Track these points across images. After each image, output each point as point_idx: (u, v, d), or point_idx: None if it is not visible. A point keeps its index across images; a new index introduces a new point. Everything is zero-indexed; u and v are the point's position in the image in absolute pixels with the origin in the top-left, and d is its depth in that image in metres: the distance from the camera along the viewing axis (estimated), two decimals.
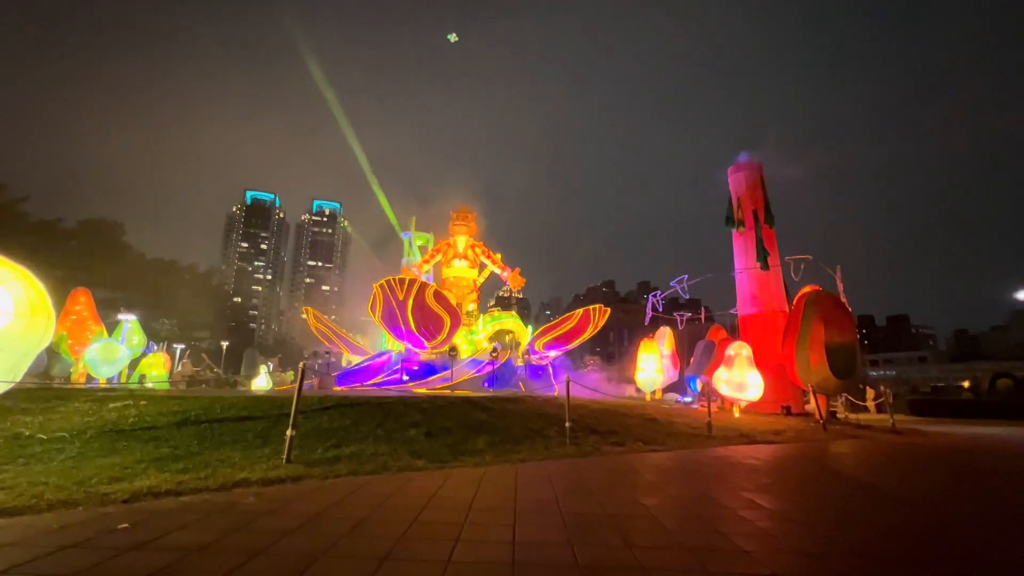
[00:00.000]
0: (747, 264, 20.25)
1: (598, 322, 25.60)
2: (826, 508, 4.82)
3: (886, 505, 5.03)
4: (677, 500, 4.92)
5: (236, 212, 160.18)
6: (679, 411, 14.26)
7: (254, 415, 8.46)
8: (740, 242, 20.86)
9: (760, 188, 20.93)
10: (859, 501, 5.16)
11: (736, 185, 21.49)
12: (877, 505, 5.00)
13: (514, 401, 12.12)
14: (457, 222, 31.13)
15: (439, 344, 22.40)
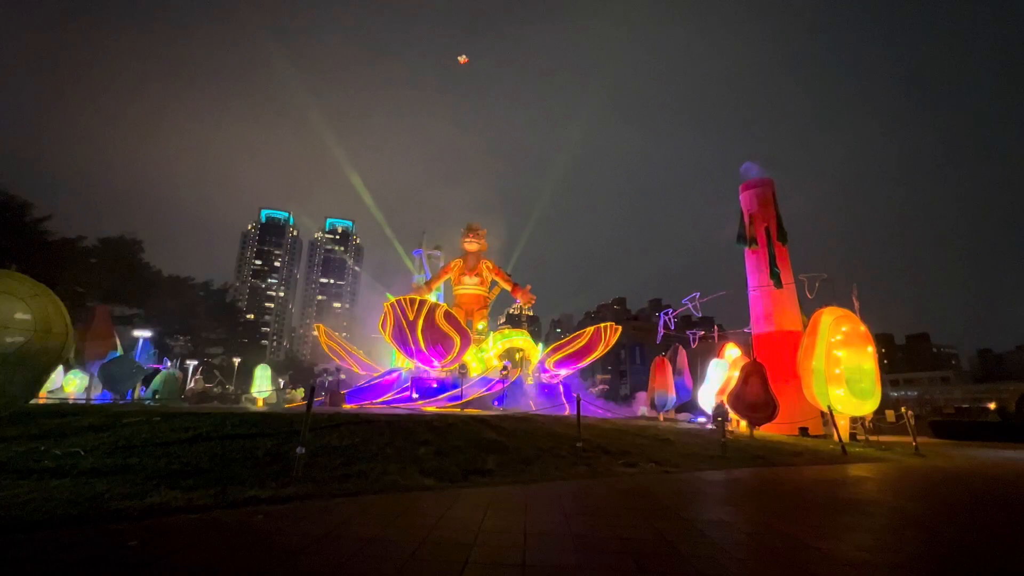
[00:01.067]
0: (760, 282, 20.08)
1: (609, 340, 25.46)
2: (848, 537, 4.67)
3: (911, 532, 4.86)
4: (691, 524, 4.81)
5: (251, 230, 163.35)
6: (693, 432, 14.02)
7: (265, 432, 8.48)
8: (753, 260, 20.73)
9: (772, 205, 20.87)
10: (884, 528, 5.00)
11: (748, 202, 21.46)
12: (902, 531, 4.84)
13: (524, 420, 12.01)
14: (468, 238, 31.47)
15: (449, 363, 22.39)
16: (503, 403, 20.82)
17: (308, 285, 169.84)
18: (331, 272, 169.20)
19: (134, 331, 26.17)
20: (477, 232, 30.93)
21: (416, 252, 38.92)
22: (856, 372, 15.22)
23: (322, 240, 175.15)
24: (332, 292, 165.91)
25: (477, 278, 30.21)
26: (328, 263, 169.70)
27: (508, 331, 29.29)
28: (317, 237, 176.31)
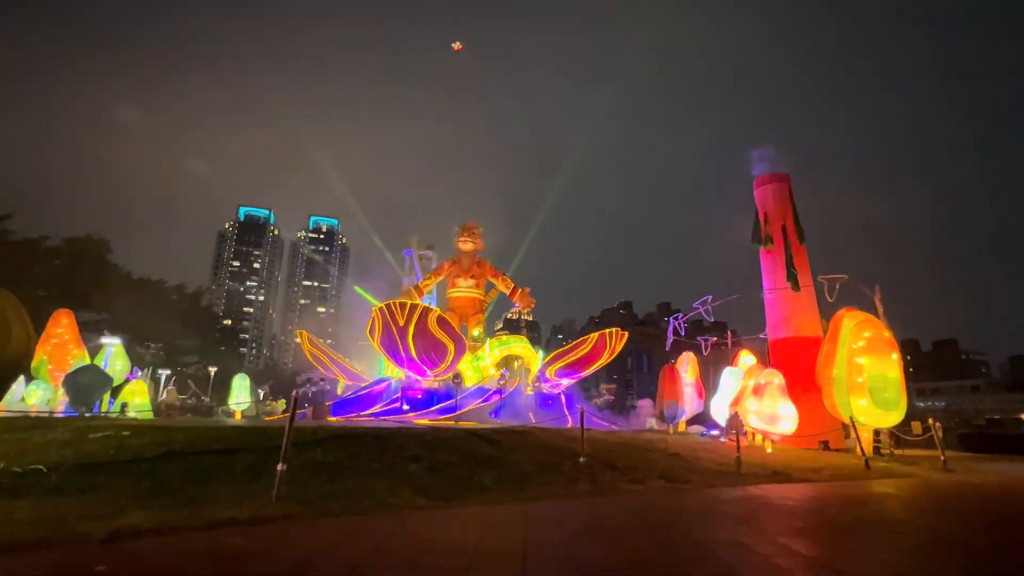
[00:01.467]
0: (777, 284, 20.13)
1: (615, 347, 25.48)
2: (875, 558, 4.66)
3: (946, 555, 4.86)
4: (705, 546, 4.79)
5: (228, 229, 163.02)
6: (705, 445, 14.01)
7: (243, 447, 8.45)
8: (769, 260, 20.78)
9: (789, 201, 20.94)
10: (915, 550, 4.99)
11: (763, 199, 21.52)
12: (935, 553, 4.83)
13: (523, 433, 12.00)
14: (463, 237, 31.39)
15: (442, 372, 22.37)
16: (500, 415, 20.80)
17: (290, 288, 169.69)
18: (315, 274, 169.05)
19: (101, 338, 26.03)
20: (473, 231, 30.91)
21: (407, 252, 38.96)
22: (880, 381, 15.26)
23: (305, 240, 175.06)
24: (316, 296, 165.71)
25: (472, 280, 30.21)
26: (312, 264, 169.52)
27: (506, 337, 29.27)
28: (300, 236, 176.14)
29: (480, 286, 30.69)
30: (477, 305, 30.41)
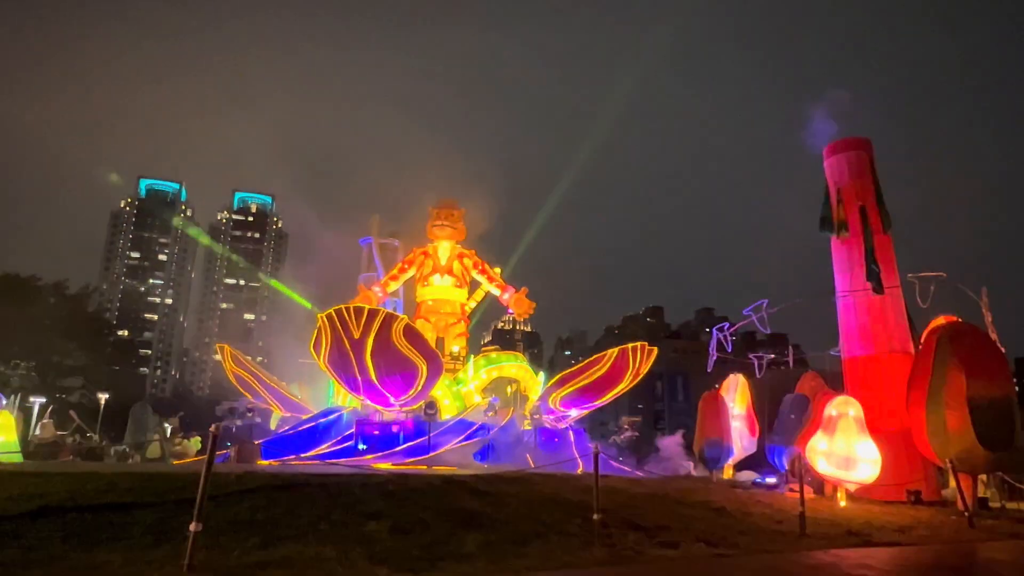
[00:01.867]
0: (853, 284, 20.27)
1: (640, 367, 25.52)
2: None
3: None
4: None
5: (125, 208, 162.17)
6: (758, 497, 14.08)
7: (144, 500, 8.40)
8: (843, 253, 20.93)
9: (869, 175, 21.11)
10: None
11: (835, 171, 21.69)
12: None
13: (519, 482, 12.00)
14: (439, 221, 31.23)
15: (411, 400, 22.35)
16: (488, 457, 20.82)
17: (208, 288, 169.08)
18: (241, 269, 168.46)
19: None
20: (452, 212, 30.88)
21: (363, 241, 38.91)
22: (988, 412, 15.40)
23: (228, 223, 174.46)
24: (242, 298, 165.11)
25: (451, 278, 30.22)
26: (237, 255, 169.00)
27: (496, 354, 29.27)
28: (221, 219, 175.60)
29: (462, 285, 30.69)
30: (458, 311, 30.41)
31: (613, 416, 79.46)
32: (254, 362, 30.83)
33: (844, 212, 20.91)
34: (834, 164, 21.89)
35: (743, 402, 24.29)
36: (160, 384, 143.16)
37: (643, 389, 68.62)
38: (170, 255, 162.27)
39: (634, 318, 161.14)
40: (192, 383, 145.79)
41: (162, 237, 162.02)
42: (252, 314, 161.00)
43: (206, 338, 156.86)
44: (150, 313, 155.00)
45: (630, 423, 36.92)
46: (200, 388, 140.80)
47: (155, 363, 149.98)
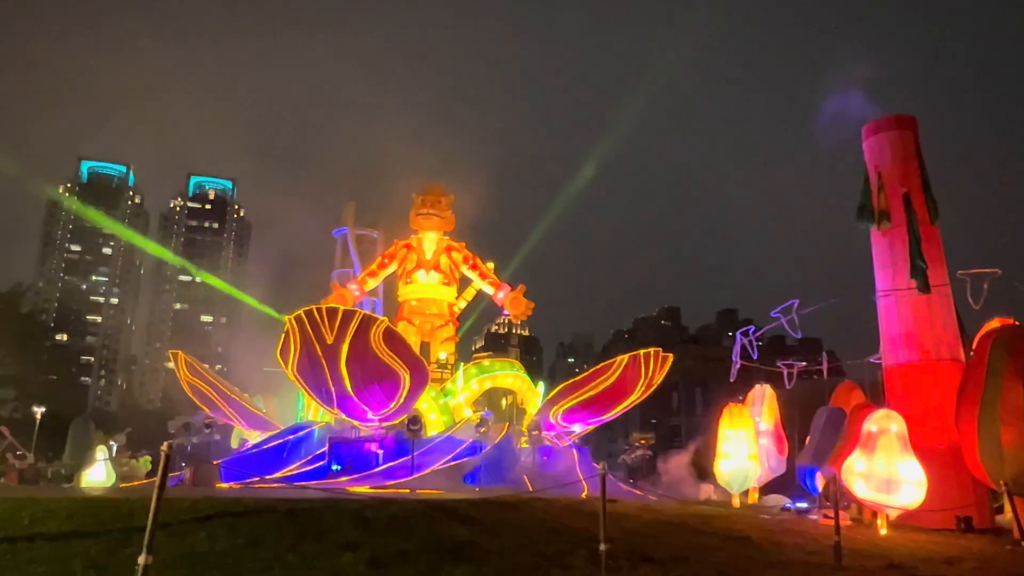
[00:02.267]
0: (895, 283, 20.31)
1: (653, 376, 25.53)
2: None
3: None
4: None
5: (64, 194, 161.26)
6: (788, 524, 14.09)
7: (85, 530, 8.38)
8: (884, 246, 20.95)
9: (915, 158, 21.14)
10: None
11: (875, 154, 21.70)
12: None
13: (515, 508, 12.01)
14: (424, 209, 31.11)
15: (392, 414, 22.34)
16: (480, 480, 20.78)
17: (159, 286, 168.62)
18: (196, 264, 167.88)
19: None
20: (438, 198, 30.87)
21: (337, 232, 38.89)
22: None
23: (182, 211, 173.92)
24: (199, 298, 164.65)
25: (438, 274, 30.20)
26: (193, 248, 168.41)
27: (489, 362, 29.29)
28: (174, 207, 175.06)
29: (450, 283, 30.67)
30: (445, 312, 30.39)
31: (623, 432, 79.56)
32: (212, 371, 30.74)
33: (885, 200, 20.92)
34: (874, 145, 21.92)
35: (771, 416, 24.30)
36: (104, 396, 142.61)
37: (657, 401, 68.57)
38: (116, 248, 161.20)
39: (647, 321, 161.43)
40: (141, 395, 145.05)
41: (107, 228, 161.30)
42: (210, 315, 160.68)
43: (157, 343, 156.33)
44: (93, 315, 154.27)
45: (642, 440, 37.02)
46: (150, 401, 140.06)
47: (99, 372, 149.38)
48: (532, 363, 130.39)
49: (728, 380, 27.57)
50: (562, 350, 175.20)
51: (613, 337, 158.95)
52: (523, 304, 30.59)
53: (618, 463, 32.61)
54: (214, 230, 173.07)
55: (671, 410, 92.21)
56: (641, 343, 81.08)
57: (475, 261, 31.23)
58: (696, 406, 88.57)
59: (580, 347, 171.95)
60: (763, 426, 23.92)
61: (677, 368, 32.56)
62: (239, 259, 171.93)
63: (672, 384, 78.15)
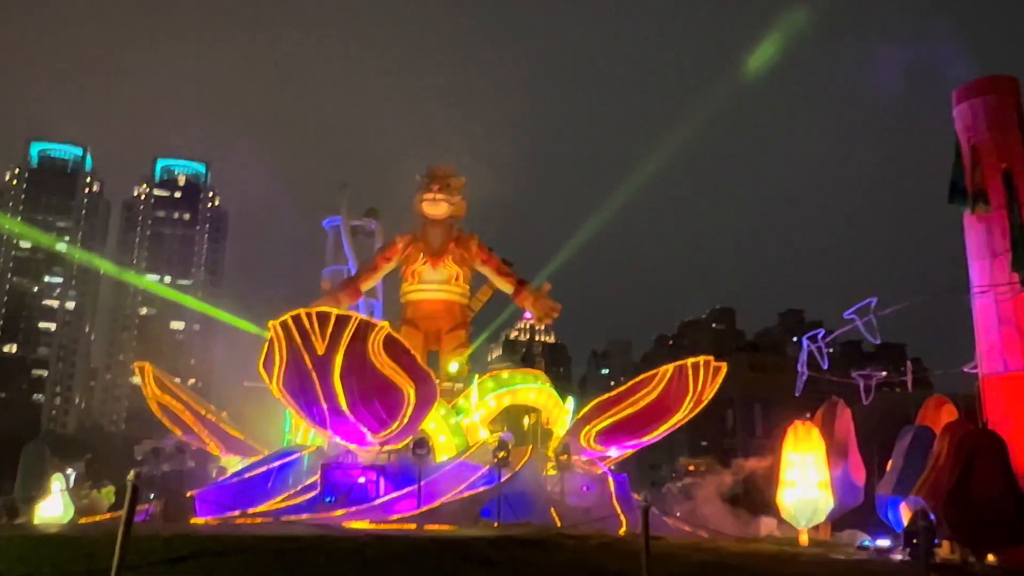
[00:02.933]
0: (994, 277, 20.04)
1: (703, 389, 25.37)
2: None
3: None
4: None
5: (10, 182, 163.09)
6: (868, 567, 13.98)
7: (39, 574, 8.48)
8: (980, 234, 20.69)
9: (1017, 128, 20.84)
10: None
11: (968, 123, 21.40)
12: None
13: (541, 547, 12.01)
14: (431, 194, 30.87)
15: (394, 436, 22.39)
16: (500, 513, 20.76)
17: (122, 287, 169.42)
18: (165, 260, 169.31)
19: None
20: (448, 181, 30.85)
21: (329, 222, 38.99)
22: None
23: (147, 198, 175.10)
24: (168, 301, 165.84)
25: (447, 271, 30.13)
26: (160, 242, 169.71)
27: (509, 374, 29.19)
28: (139, 194, 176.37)
29: (461, 281, 30.62)
30: (456, 315, 30.38)
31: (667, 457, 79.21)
32: (185, 386, 31.06)
33: (981, 178, 20.64)
34: (967, 113, 21.61)
35: (845, 437, 24.11)
36: (60, 416, 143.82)
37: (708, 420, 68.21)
38: (72, 242, 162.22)
39: (695, 324, 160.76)
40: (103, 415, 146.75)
41: (61, 220, 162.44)
42: (181, 321, 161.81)
43: (121, 355, 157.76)
44: (46, 321, 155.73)
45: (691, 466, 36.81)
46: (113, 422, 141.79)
47: (53, 388, 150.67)
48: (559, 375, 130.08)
49: (793, 394, 27.38)
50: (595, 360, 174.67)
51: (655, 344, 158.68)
52: (548, 305, 30.51)
53: (663, 493, 32.42)
54: (185, 222, 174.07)
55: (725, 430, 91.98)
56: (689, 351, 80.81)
57: (491, 255, 31.19)
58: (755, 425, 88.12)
59: (616, 356, 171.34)
60: (836, 449, 23.73)
61: (732, 380, 32.37)
62: (215, 255, 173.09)
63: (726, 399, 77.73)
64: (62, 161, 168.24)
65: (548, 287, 30.67)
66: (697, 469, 36.78)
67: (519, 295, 30.79)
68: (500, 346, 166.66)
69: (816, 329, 27.60)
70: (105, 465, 40.40)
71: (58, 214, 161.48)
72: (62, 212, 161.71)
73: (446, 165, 31.69)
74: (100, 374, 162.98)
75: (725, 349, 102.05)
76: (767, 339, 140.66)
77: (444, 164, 31.74)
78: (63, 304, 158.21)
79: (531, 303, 30.60)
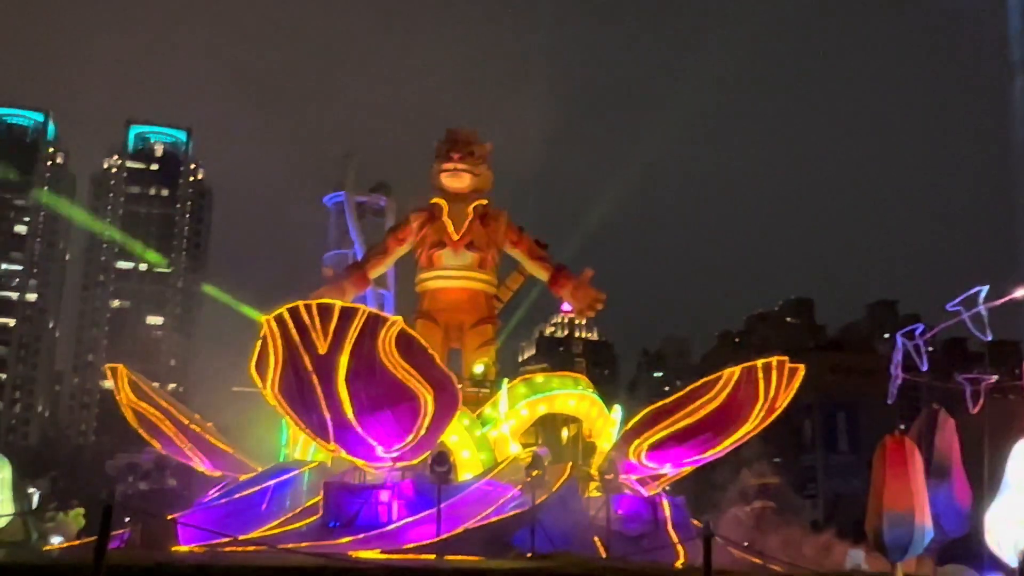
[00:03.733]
0: None
1: (776, 395, 25.19)
2: None
3: None
4: None
5: None
6: None
7: None
8: None
9: None
10: None
11: None
12: None
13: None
14: (449, 163, 31.05)
15: (409, 450, 22.45)
16: (535, 541, 20.80)
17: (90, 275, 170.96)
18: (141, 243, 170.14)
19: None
20: (470, 149, 30.76)
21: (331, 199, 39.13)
22: None
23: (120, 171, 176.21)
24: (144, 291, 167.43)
25: (471, 253, 29.98)
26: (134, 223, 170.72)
27: (544, 377, 29.16)
28: (110, 167, 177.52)
29: (487, 265, 30.52)
30: (482, 307, 30.34)
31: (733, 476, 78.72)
32: (164, 392, 31.35)
33: None
34: None
35: (948, 453, 23.90)
36: (20, 426, 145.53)
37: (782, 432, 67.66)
38: (33, 225, 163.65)
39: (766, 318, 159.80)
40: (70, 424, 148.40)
41: (18, 198, 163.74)
42: (159, 316, 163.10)
43: (90, 355, 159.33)
44: (3, 316, 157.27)
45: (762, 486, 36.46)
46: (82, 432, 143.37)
47: (12, 394, 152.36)
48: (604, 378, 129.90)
49: (884, 401, 27.17)
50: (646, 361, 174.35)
51: (718, 342, 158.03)
52: (590, 295, 30.43)
53: (727, 518, 32.32)
54: (163, 198, 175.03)
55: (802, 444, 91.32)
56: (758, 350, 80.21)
57: (522, 235, 31.09)
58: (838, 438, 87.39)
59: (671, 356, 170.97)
60: (937, 467, 23.53)
61: (811, 384, 32.11)
62: (196, 237, 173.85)
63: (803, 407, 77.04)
64: (20, 128, 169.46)
65: (590, 273, 30.55)
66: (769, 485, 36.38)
67: (556, 283, 30.71)
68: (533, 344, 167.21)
69: (913, 324, 27.35)
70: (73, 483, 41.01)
71: (16, 190, 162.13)
72: (20, 188, 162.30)
73: (468, 130, 31.61)
74: (66, 377, 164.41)
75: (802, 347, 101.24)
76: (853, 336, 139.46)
77: (466, 129, 31.65)
78: (23, 296, 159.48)
79: (570, 292, 30.51)
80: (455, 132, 31.26)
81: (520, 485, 23.24)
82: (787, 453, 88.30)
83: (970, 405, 25.43)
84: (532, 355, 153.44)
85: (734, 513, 34.34)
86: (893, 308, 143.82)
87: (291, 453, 27.95)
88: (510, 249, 30.80)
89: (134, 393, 28.37)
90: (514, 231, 30.83)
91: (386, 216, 37.45)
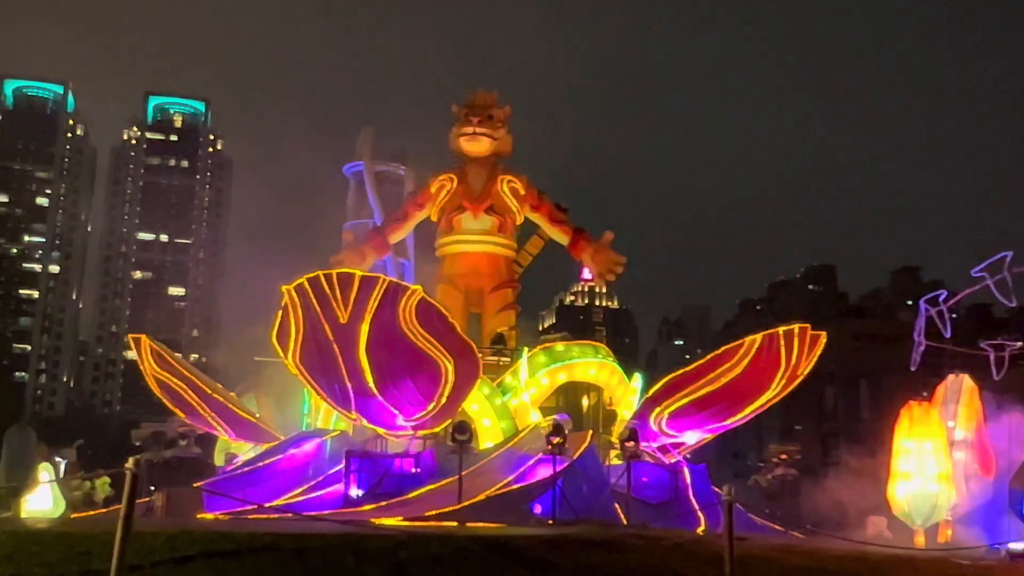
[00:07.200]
0: None
1: (798, 363, 25.11)
2: None
3: None
4: None
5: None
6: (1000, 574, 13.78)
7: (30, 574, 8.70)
8: None
9: None
10: None
11: None
12: None
13: (604, 548, 12.03)
14: (468, 126, 30.86)
15: (430, 418, 22.60)
16: (556, 509, 20.88)
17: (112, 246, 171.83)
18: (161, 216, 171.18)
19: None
20: (490, 112, 30.78)
21: (350, 168, 39.06)
22: None
23: (139, 142, 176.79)
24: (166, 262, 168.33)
25: (491, 218, 29.91)
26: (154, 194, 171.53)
27: (564, 346, 29.12)
28: (129, 138, 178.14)
29: (507, 229, 30.52)
30: (501, 271, 30.45)
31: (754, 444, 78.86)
32: (187, 362, 31.52)
33: None
34: None
35: (971, 420, 23.76)
36: (47, 397, 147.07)
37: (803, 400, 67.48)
38: (55, 196, 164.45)
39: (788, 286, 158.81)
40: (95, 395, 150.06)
41: (40, 169, 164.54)
42: (181, 287, 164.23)
43: (113, 326, 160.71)
44: (27, 288, 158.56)
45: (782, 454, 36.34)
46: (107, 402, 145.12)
47: (37, 365, 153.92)
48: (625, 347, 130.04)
49: (907, 368, 27.03)
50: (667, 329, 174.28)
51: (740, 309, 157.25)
52: (610, 258, 30.28)
53: (749, 486, 32.31)
54: (183, 169, 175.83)
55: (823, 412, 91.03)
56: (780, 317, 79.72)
57: (543, 199, 30.96)
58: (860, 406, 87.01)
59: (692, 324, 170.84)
60: (959, 434, 23.41)
61: (833, 352, 31.94)
62: (217, 208, 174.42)
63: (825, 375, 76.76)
64: (40, 101, 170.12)
65: (610, 236, 30.39)
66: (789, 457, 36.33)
67: (576, 246, 30.59)
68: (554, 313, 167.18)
69: (937, 290, 27.11)
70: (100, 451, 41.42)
71: (37, 163, 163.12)
72: (41, 160, 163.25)
73: (488, 93, 31.44)
74: (90, 348, 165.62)
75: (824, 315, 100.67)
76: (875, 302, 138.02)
77: (485, 92, 31.48)
78: (46, 268, 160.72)
79: (590, 255, 30.38)
80: (474, 96, 31.13)
81: (541, 453, 23.31)
82: (809, 421, 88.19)
83: (994, 372, 25.25)
84: (552, 324, 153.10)
85: (756, 479, 34.30)
86: (915, 274, 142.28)
87: (313, 422, 28.12)
88: (530, 213, 30.67)
89: (157, 363, 28.50)
90: (534, 195, 30.70)
91: (405, 184, 37.32)
